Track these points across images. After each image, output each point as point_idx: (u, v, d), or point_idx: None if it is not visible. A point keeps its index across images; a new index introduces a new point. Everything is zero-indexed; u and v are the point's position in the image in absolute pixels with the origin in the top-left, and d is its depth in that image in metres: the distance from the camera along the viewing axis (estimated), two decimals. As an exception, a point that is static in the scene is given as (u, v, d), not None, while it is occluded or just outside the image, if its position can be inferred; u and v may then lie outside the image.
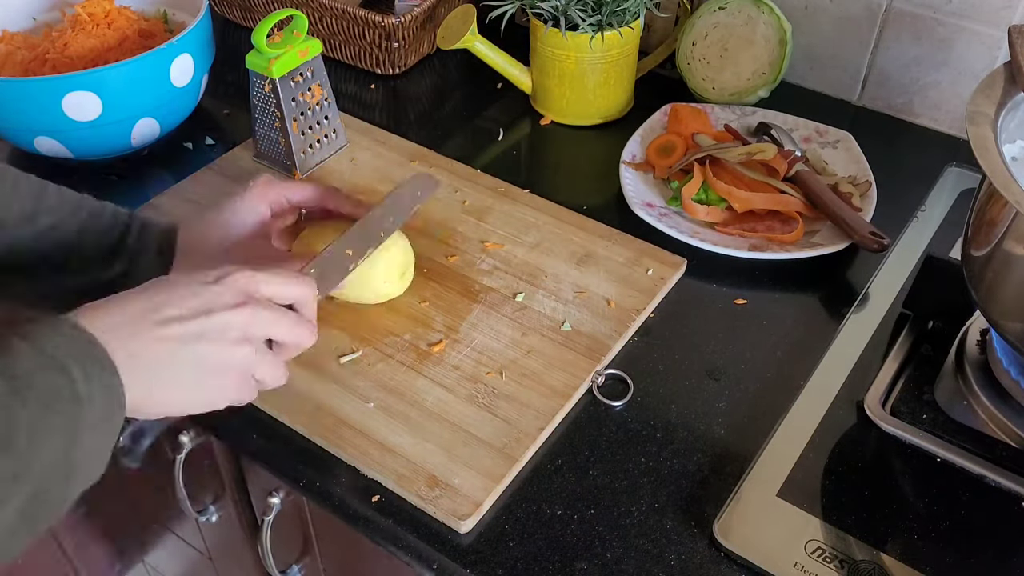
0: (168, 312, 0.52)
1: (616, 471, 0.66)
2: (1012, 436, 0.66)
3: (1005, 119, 0.64)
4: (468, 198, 0.88)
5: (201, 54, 0.93)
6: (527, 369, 0.72)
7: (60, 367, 0.47)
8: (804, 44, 1.02)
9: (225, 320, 0.54)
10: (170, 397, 0.53)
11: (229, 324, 0.54)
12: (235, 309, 0.54)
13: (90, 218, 0.68)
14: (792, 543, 0.61)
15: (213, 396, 0.55)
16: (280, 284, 0.58)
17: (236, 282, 0.56)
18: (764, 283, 0.81)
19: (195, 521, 0.92)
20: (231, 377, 0.55)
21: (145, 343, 0.51)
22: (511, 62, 1.02)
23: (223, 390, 0.56)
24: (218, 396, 0.56)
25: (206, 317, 0.53)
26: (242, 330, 0.55)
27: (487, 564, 0.61)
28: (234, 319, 0.54)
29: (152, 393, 0.52)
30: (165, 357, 0.52)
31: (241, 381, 0.56)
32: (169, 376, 0.52)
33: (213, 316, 0.53)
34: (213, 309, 0.54)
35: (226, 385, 0.55)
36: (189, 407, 0.55)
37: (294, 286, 0.59)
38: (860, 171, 0.89)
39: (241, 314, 0.55)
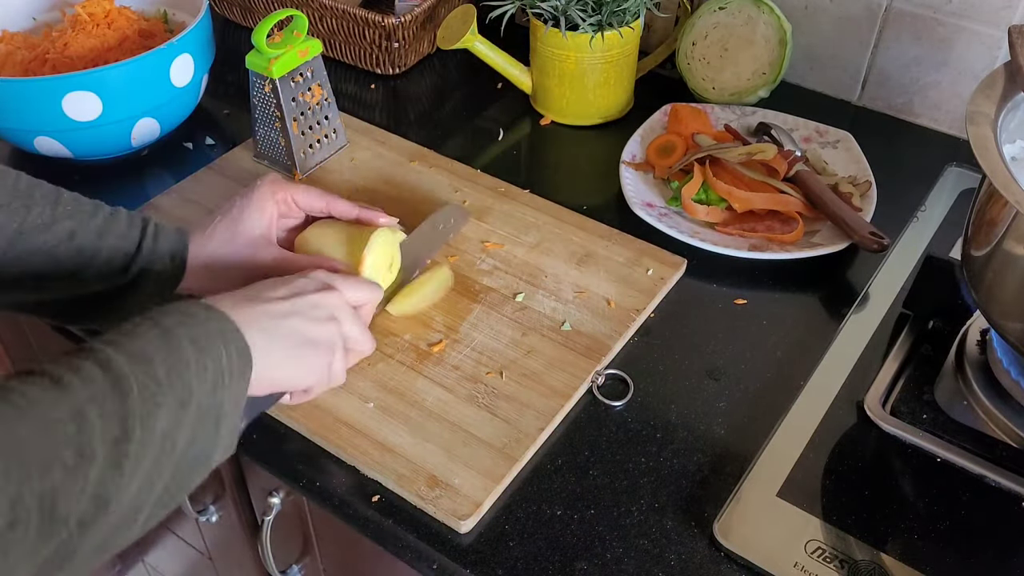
0: (267, 294, 0.60)
1: (616, 471, 0.66)
2: (1012, 436, 0.66)
3: (1005, 119, 0.64)
4: (468, 198, 0.88)
5: (201, 54, 0.93)
6: (527, 369, 0.72)
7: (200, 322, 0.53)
8: (804, 44, 1.02)
9: (315, 300, 0.61)
10: (276, 365, 0.58)
11: (319, 303, 0.61)
12: (322, 292, 0.62)
13: (107, 223, 0.68)
14: (792, 543, 0.61)
15: (309, 370, 0.61)
16: (354, 283, 0.65)
17: (319, 275, 0.64)
18: (764, 283, 0.81)
19: (195, 521, 0.92)
20: (324, 353, 0.61)
21: (253, 315, 0.57)
22: (511, 62, 1.02)
23: (317, 365, 0.61)
24: (313, 370, 0.61)
25: (299, 297, 0.60)
26: (328, 310, 0.62)
27: (487, 564, 0.61)
28: (321, 300, 0.61)
29: (263, 360, 0.56)
30: (270, 327, 0.58)
31: (330, 359, 0.62)
32: (275, 344, 0.57)
33: (304, 296, 0.61)
34: (303, 292, 0.61)
35: (319, 361, 0.61)
36: (290, 379, 0.60)
37: (365, 288, 0.66)
38: (860, 171, 0.89)
39: (328, 297, 0.62)
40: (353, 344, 0.64)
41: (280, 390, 0.60)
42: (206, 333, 0.53)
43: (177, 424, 0.48)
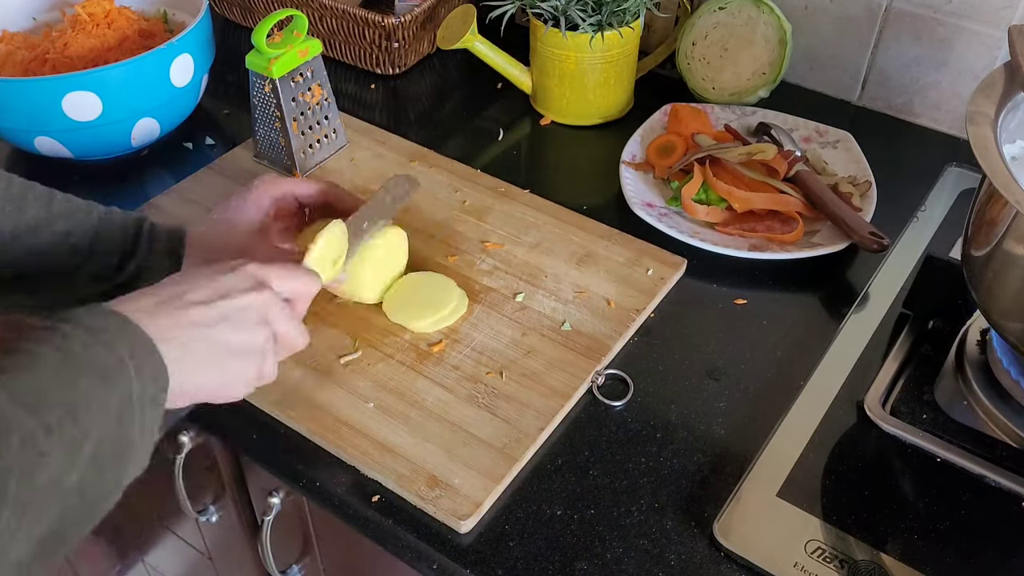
0: (190, 297, 0.55)
1: (616, 471, 0.66)
2: (1012, 436, 0.66)
3: (1005, 119, 0.64)
4: (468, 198, 0.88)
5: (201, 54, 0.93)
6: (527, 369, 0.72)
7: (107, 344, 0.48)
8: (804, 44, 1.02)
9: (244, 302, 0.56)
10: (198, 380, 0.54)
11: (248, 306, 0.56)
12: (252, 293, 0.57)
13: (102, 222, 0.68)
14: (792, 543, 0.61)
15: (235, 379, 0.57)
16: (288, 275, 0.60)
17: (248, 270, 0.58)
18: (764, 283, 0.81)
19: (195, 521, 0.92)
20: (252, 360, 0.57)
21: (174, 325, 0.53)
22: (511, 62, 1.02)
23: (244, 373, 0.57)
24: (239, 380, 0.57)
25: (226, 300, 0.55)
26: (260, 312, 0.57)
27: (487, 564, 0.61)
28: (252, 301, 0.57)
29: (182, 375, 0.52)
30: (193, 339, 0.53)
31: (259, 364, 0.58)
32: (197, 358, 0.54)
33: (232, 299, 0.56)
34: (231, 293, 0.56)
35: (246, 368, 0.57)
36: (214, 391, 0.56)
37: (300, 278, 0.61)
38: (860, 171, 0.89)
39: (258, 297, 0.57)
40: (285, 342, 0.60)
41: (202, 401, 0.56)
42: (114, 357, 0.48)
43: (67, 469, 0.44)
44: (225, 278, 0.57)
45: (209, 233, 0.71)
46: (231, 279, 0.57)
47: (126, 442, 0.48)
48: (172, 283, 0.56)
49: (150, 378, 0.50)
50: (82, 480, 0.45)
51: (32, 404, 0.44)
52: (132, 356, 0.49)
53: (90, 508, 0.47)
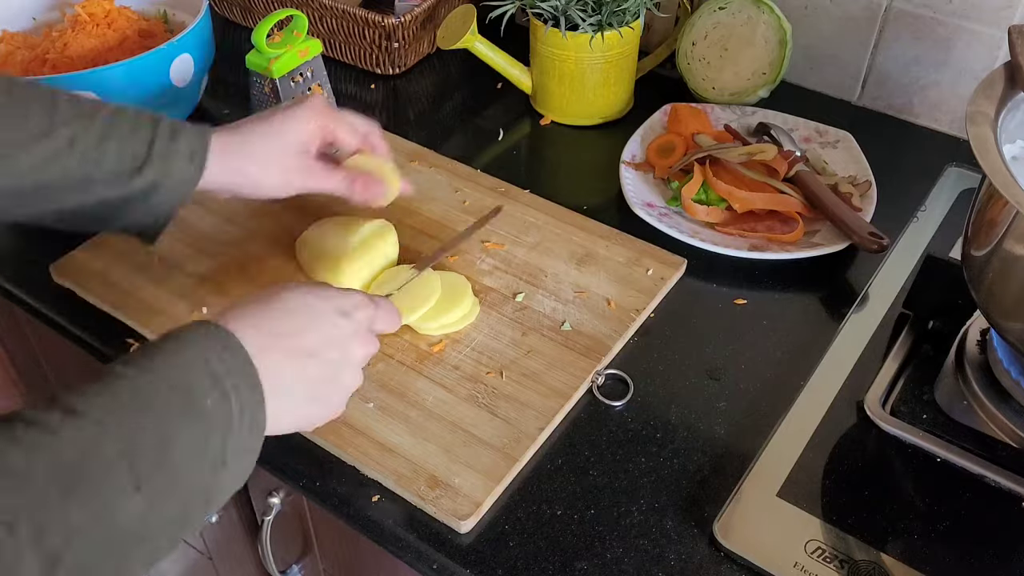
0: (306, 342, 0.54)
1: (616, 471, 0.66)
2: (1012, 436, 0.66)
3: (1005, 119, 0.64)
4: (468, 198, 0.88)
5: (201, 54, 0.93)
6: (527, 369, 0.72)
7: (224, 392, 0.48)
8: (804, 44, 1.02)
9: (350, 356, 0.57)
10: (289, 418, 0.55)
11: (353, 359, 0.58)
12: (362, 345, 0.58)
13: (109, 124, 0.64)
14: (792, 543, 0.61)
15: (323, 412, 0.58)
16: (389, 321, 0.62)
17: (361, 315, 0.59)
18: (764, 283, 0.81)
19: (195, 521, 0.92)
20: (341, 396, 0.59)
21: (283, 368, 0.53)
22: (511, 62, 1.02)
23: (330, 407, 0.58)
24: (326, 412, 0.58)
25: (341, 355, 0.56)
26: (363, 361, 0.59)
27: (487, 564, 0.61)
28: (357, 353, 0.58)
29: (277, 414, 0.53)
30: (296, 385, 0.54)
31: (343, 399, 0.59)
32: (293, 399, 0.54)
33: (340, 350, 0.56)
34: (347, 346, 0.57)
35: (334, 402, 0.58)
36: (298, 425, 0.57)
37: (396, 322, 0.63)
38: (860, 171, 0.89)
39: (365, 348, 0.59)
40: None
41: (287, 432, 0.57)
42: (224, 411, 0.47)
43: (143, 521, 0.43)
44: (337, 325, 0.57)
45: (246, 137, 0.68)
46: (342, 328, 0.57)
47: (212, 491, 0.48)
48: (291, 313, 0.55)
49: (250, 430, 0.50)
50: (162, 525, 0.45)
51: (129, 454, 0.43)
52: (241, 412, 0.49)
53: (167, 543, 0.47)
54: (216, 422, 0.47)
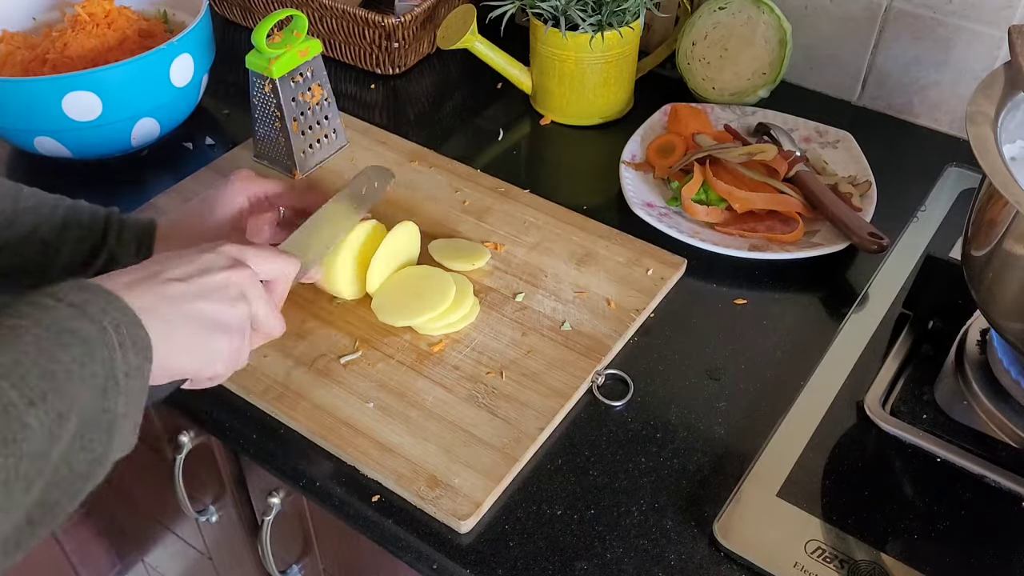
0: (169, 274, 0.54)
1: (616, 471, 0.66)
2: (1012, 436, 0.66)
3: (1005, 119, 0.64)
4: (468, 198, 0.88)
5: (201, 54, 0.93)
6: (527, 369, 0.72)
7: (91, 316, 0.48)
8: (804, 44, 1.02)
9: (223, 279, 0.56)
10: (178, 355, 0.54)
11: (227, 282, 0.56)
12: (230, 270, 0.57)
13: (69, 216, 0.68)
14: (792, 543, 0.61)
15: (213, 357, 0.56)
16: (267, 257, 0.61)
17: (227, 249, 0.58)
18: (764, 283, 0.81)
19: (195, 521, 0.92)
20: (229, 337, 0.57)
21: (154, 300, 0.52)
22: (511, 62, 1.02)
23: (221, 351, 0.57)
24: (216, 358, 0.57)
25: (205, 276, 0.55)
26: (239, 289, 0.57)
27: (487, 564, 0.61)
28: (231, 278, 0.57)
29: (163, 349, 0.52)
30: (172, 313, 0.53)
31: (237, 343, 0.58)
32: (177, 332, 0.53)
33: (211, 275, 0.56)
34: (210, 270, 0.56)
35: (223, 348, 0.57)
36: (193, 368, 0.56)
37: (279, 260, 0.62)
38: (860, 171, 0.89)
39: (237, 274, 0.57)
40: (261, 326, 0.60)
41: (183, 378, 0.57)
42: (98, 329, 0.48)
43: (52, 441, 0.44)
44: (203, 256, 0.57)
45: (181, 225, 0.72)
46: (209, 257, 0.57)
47: (112, 415, 0.48)
48: (150, 263, 0.56)
49: (133, 350, 0.49)
50: (68, 453, 0.45)
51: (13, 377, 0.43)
52: (116, 328, 0.49)
53: (77, 483, 0.47)
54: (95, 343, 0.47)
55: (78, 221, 0.68)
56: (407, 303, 0.74)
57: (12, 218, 0.66)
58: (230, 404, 0.70)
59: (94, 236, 0.69)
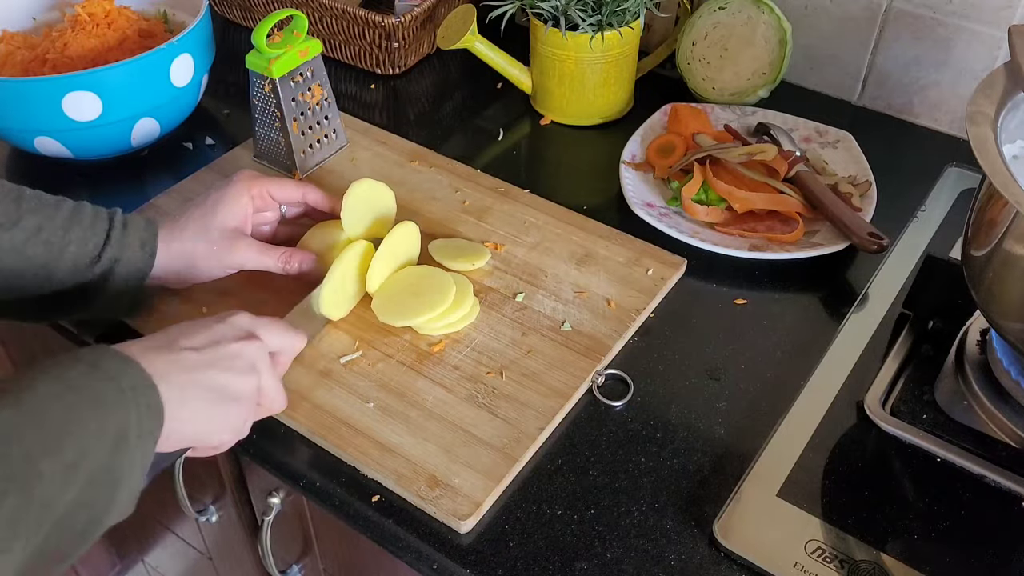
0: (184, 343, 0.56)
1: (616, 471, 0.66)
2: (1012, 436, 0.66)
3: (1005, 119, 0.64)
4: (468, 198, 0.88)
5: (201, 54, 0.93)
6: (527, 369, 0.72)
7: (108, 376, 0.50)
8: (804, 44, 1.02)
9: (236, 349, 0.58)
10: (189, 422, 0.55)
11: (238, 354, 0.58)
12: (242, 341, 0.59)
13: (72, 217, 0.69)
14: (792, 543, 0.61)
15: (221, 427, 0.58)
16: (277, 330, 0.63)
17: (240, 320, 0.60)
18: (764, 283, 0.81)
19: (195, 521, 0.92)
20: (239, 407, 0.58)
21: (169, 367, 0.54)
22: (511, 62, 1.02)
23: (229, 420, 0.58)
24: (225, 427, 0.58)
25: (219, 347, 0.57)
26: (249, 361, 0.59)
27: (487, 564, 0.61)
28: (242, 350, 0.58)
29: (175, 416, 0.53)
30: (186, 381, 0.55)
31: (246, 413, 0.60)
32: (188, 400, 0.55)
33: (224, 346, 0.58)
34: (222, 341, 0.58)
35: (233, 416, 0.58)
36: (201, 435, 0.57)
37: (288, 335, 0.64)
38: (860, 171, 0.89)
39: (248, 346, 0.59)
40: (264, 399, 0.62)
41: (190, 445, 0.58)
42: (114, 390, 0.49)
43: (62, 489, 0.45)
44: (216, 327, 0.59)
45: (185, 226, 0.72)
46: (222, 328, 0.59)
47: (117, 473, 0.49)
48: (163, 332, 0.58)
49: (148, 413, 0.51)
50: (74, 505, 0.46)
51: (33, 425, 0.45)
52: (132, 389, 0.50)
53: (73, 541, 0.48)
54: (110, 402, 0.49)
55: (81, 222, 0.69)
56: (407, 303, 0.74)
57: (15, 220, 0.66)
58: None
59: (98, 237, 0.69)
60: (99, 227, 0.69)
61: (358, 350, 0.73)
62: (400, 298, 0.74)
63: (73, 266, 0.68)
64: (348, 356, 0.73)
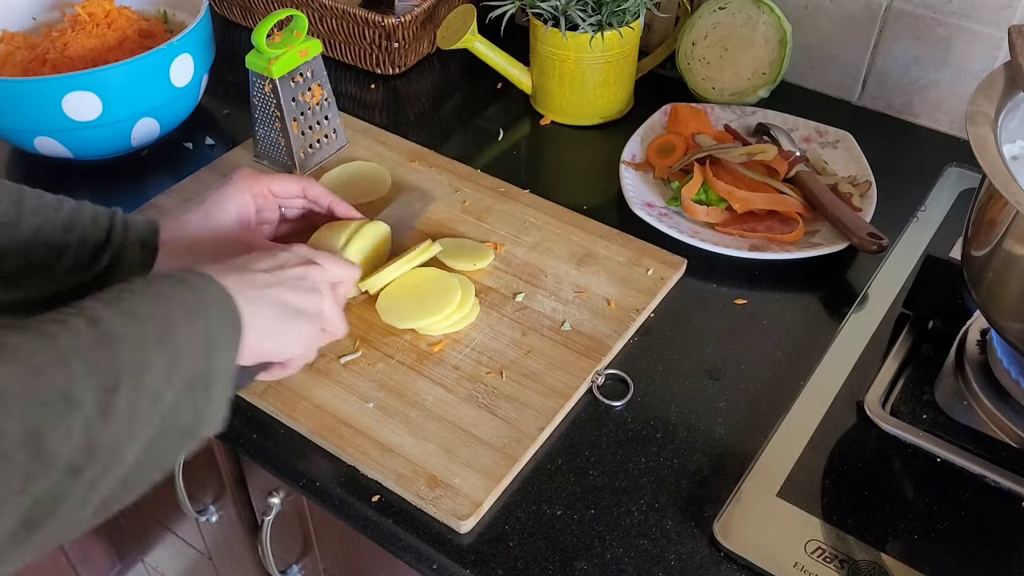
0: (253, 266, 0.61)
1: (616, 471, 0.66)
2: (1012, 436, 0.66)
3: (1005, 119, 0.64)
4: (468, 198, 0.88)
5: (201, 54, 0.93)
6: (527, 369, 0.72)
7: (193, 288, 0.54)
8: (804, 44, 1.02)
9: (300, 272, 0.62)
10: (261, 337, 0.58)
11: (302, 276, 0.62)
12: (304, 266, 0.63)
13: (73, 217, 0.69)
14: (792, 543, 0.61)
15: (294, 340, 0.61)
16: (334, 260, 0.67)
17: (301, 250, 0.65)
18: (764, 283, 0.81)
19: (195, 521, 0.92)
20: (306, 323, 0.62)
21: (242, 284, 0.58)
22: (511, 62, 1.02)
23: (299, 335, 0.61)
24: (295, 342, 0.62)
25: (282, 270, 0.62)
26: (311, 282, 0.63)
27: (487, 564, 0.61)
28: (307, 273, 0.63)
29: (252, 329, 0.57)
30: (257, 297, 0.58)
31: (313, 330, 0.63)
32: (263, 314, 0.58)
33: (288, 269, 0.62)
34: (287, 264, 0.62)
35: (302, 331, 0.62)
36: (273, 351, 0.61)
37: (345, 267, 0.68)
38: (860, 171, 0.89)
39: (311, 270, 0.63)
40: (328, 323, 0.64)
41: (265, 359, 0.61)
42: (199, 299, 0.53)
43: (167, 383, 0.48)
44: (281, 254, 0.63)
45: (186, 226, 0.72)
46: (286, 255, 0.63)
47: (211, 376, 0.51)
48: (232, 259, 0.61)
49: (228, 320, 0.54)
50: (176, 402, 0.49)
51: (135, 322, 0.49)
52: (213, 300, 0.54)
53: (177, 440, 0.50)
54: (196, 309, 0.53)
55: (82, 222, 0.69)
56: (412, 305, 0.74)
57: (16, 220, 0.66)
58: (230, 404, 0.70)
59: (98, 236, 0.69)
60: (100, 227, 0.69)
61: (358, 350, 0.73)
62: (405, 300, 0.74)
63: (73, 266, 0.68)
64: (348, 356, 0.73)
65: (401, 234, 0.80)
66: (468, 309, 0.75)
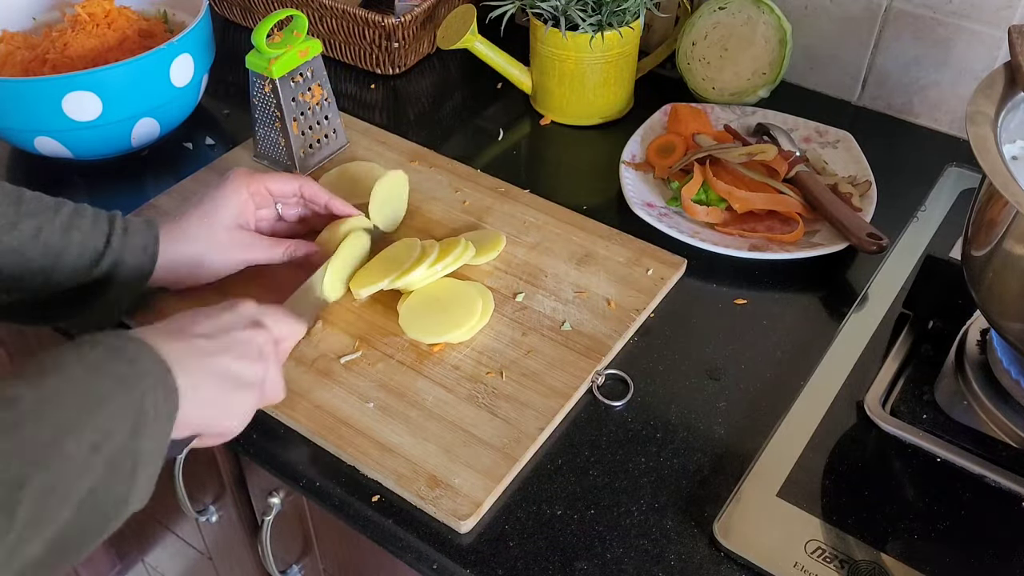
0: (195, 330, 0.57)
1: (616, 471, 0.66)
2: (1012, 436, 0.66)
3: (1005, 119, 0.64)
4: (468, 198, 0.88)
5: (201, 54, 0.93)
6: (527, 369, 0.72)
7: (127, 359, 0.51)
8: (804, 44, 1.02)
9: (245, 337, 0.59)
10: (200, 408, 0.55)
11: (248, 341, 0.59)
12: (250, 329, 0.60)
13: (72, 219, 0.69)
14: (792, 543, 0.61)
15: (230, 412, 0.59)
16: (280, 318, 0.64)
17: (246, 309, 0.61)
18: (764, 283, 0.81)
19: (195, 521, 0.92)
20: (248, 393, 0.59)
21: (182, 352, 0.55)
22: (511, 62, 1.02)
23: (238, 406, 0.59)
24: (234, 412, 0.59)
25: (227, 334, 0.58)
26: (259, 348, 0.60)
27: (487, 564, 0.61)
28: (252, 338, 0.60)
29: (189, 401, 0.53)
30: (198, 366, 0.55)
31: (253, 400, 0.60)
32: (201, 385, 0.55)
33: (233, 334, 0.59)
34: (231, 329, 0.59)
35: (242, 401, 0.59)
36: (210, 420, 0.57)
37: (291, 324, 0.65)
38: (860, 171, 0.89)
39: (257, 334, 0.60)
40: (267, 387, 0.62)
41: (202, 432, 0.58)
42: (133, 371, 0.50)
43: (86, 469, 0.46)
44: (225, 315, 0.60)
45: (185, 227, 0.73)
46: (231, 316, 0.60)
47: (136, 457, 0.49)
48: (172, 320, 0.59)
49: (163, 395, 0.51)
50: (97, 488, 0.46)
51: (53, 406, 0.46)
52: (149, 372, 0.51)
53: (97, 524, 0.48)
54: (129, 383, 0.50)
55: (81, 225, 0.69)
56: (436, 319, 0.73)
57: (15, 222, 0.66)
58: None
59: (98, 240, 0.69)
60: (99, 230, 0.69)
61: (358, 350, 0.73)
62: (427, 314, 0.74)
63: (73, 269, 0.68)
64: (348, 356, 0.73)
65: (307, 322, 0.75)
66: (489, 317, 0.75)
